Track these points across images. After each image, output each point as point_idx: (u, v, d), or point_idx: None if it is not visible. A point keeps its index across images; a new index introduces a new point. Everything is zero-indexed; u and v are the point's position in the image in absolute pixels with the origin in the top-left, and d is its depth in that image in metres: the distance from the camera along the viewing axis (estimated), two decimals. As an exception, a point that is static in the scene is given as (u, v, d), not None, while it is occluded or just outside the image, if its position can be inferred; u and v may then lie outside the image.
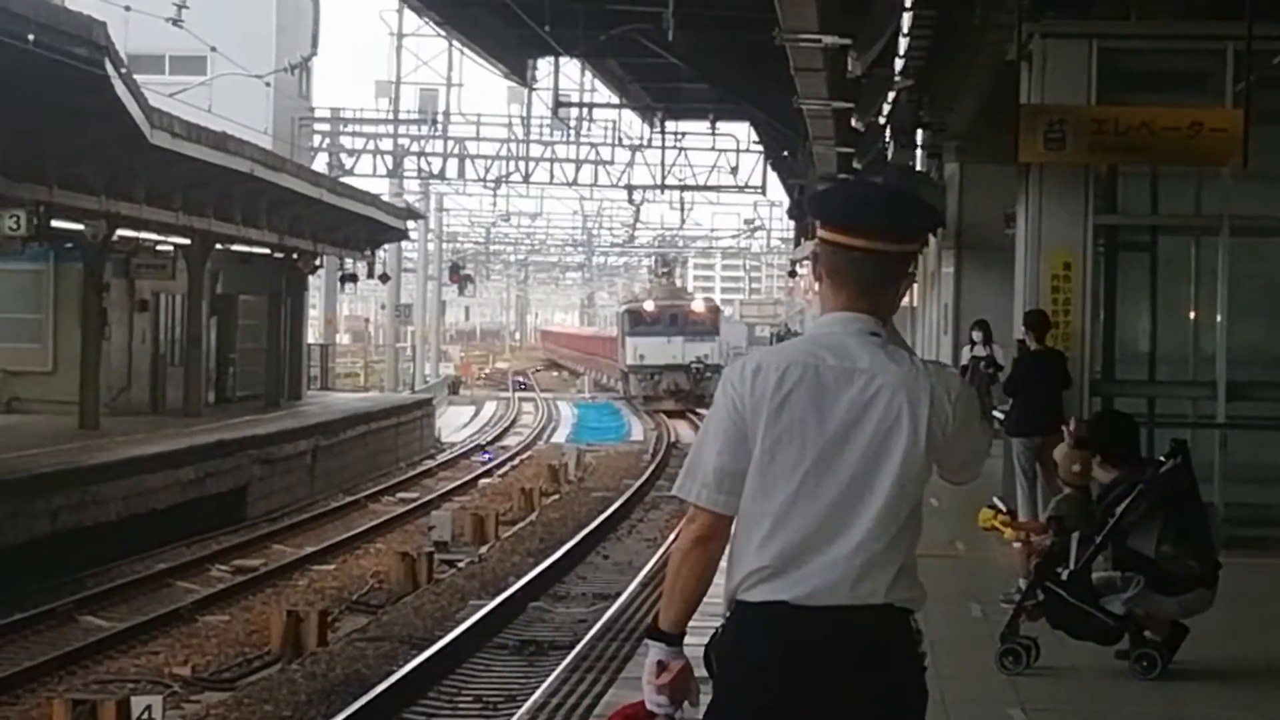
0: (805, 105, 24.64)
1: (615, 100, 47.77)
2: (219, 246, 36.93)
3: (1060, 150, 16.42)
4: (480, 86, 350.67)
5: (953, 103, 25.43)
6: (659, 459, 43.14)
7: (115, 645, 19.12)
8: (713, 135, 53.32)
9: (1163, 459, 10.93)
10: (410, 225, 56.47)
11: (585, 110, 52.77)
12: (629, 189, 60.01)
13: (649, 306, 70.10)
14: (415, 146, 58.42)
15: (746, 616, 4.48)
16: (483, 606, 20.75)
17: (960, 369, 25.26)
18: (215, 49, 42.77)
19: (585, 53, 36.16)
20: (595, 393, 78.90)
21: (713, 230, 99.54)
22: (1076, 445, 11.54)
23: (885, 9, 20.22)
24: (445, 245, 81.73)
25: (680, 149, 55.72)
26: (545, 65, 42.23)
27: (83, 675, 17.72)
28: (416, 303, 73.45)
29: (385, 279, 57.88)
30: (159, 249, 36.19)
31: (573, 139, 57.17)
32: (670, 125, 51.47)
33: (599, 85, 46.88)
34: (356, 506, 33.71)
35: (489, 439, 53.04)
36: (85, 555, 23.84)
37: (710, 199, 67.88)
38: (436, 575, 24.04)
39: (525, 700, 15.77)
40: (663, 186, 58.26)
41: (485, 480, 39.19)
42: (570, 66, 43.20)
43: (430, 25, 40.12)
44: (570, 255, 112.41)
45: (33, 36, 21.14)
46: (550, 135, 57.56)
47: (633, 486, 36.24)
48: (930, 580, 4.59)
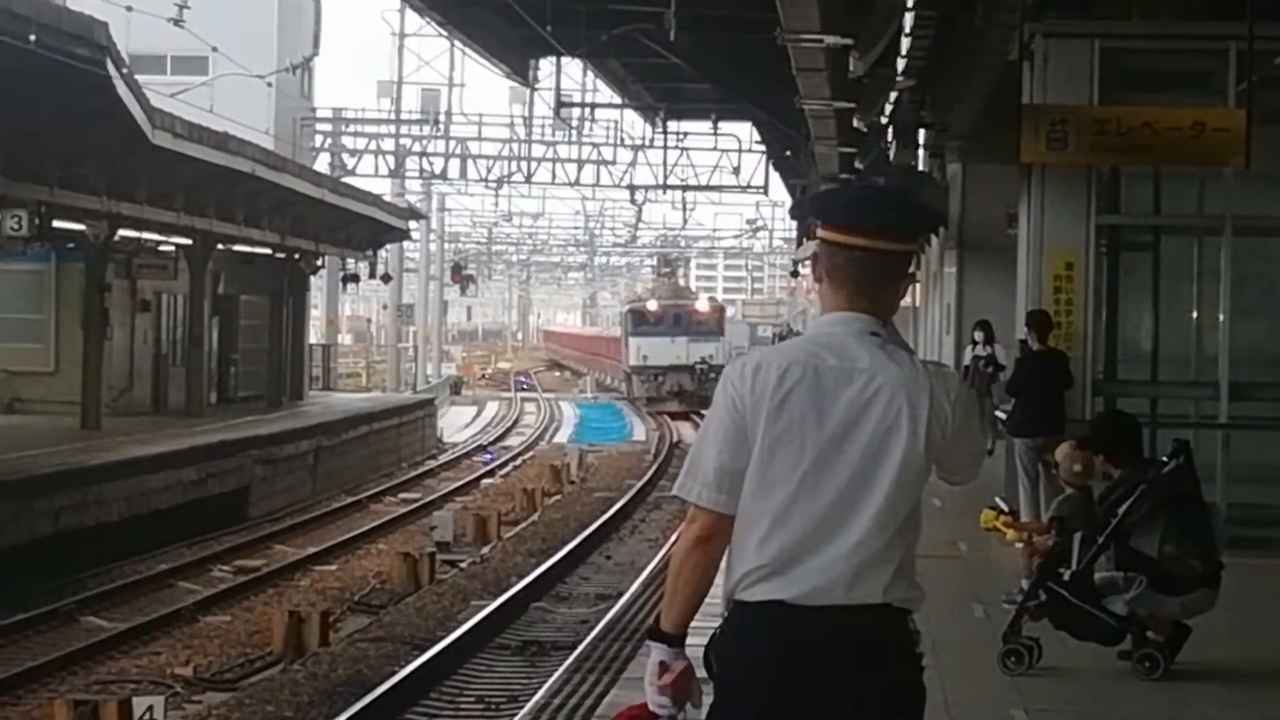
0: (807, 105, 24.63)
1: (617, 100, 47.73)
2: (221, 247, 36.92)
3: (1062, 150, 16.41)
4: (482, 86, 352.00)
5: (955, 103, 25.41)
6: (661, 459, 43.12)
7: (117, 646, 19.11)
8: (715, 135, 53.27)
9: (1165, 459, 10.92)
10: (412, 225, 56.46)
11: (587, 110, 52.72)
12: (631, 189, 59.99)
13: (652, 306, 69.14)
14: (417, 146, 58.42)
15: (744, 616, 4.47)
16: (485, 607, 20.75)
17: (963, 369, 25.26)
18: (217, 49, 42.79)
19: (587, 53, 36.14)
20: (597, 393, 78.82)
21: (715, 230, 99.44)
22: (1079, 446, 11.53)
23: (887, 9, 20.20)
24: (447, 245, 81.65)
25: (682, 149, 55.70)
26: (547, 65, 42.22)
27: (84, 676, 17.72)
28: (418, 303, 73.45)
29: (387, 279, 57.89)
30: (161, 249, 36.19)
31: (575, 139, 57.18)
32: (672, 125, 51.40)
33: (601, 85, 46.86)
34: (358, 507, 33.70)
35: (491, 439, 53.04)
36: (87, 556, 23.83)
37: (712, 199, 67.87)
38: (438, 575, 24.05)
39: (527, 701, 15.77)
40: (665, 186, 58.21)
41: (487, 480, 39.19)
42: (572, 66, 43.18)
43: (432, 25, 40.09)
44: (572, 255, 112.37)
45: (34, 37, 21.13)
46: (552, 135, 57.57)
47: (635, 487, 36.23)
48: (933, 581, 4.59)
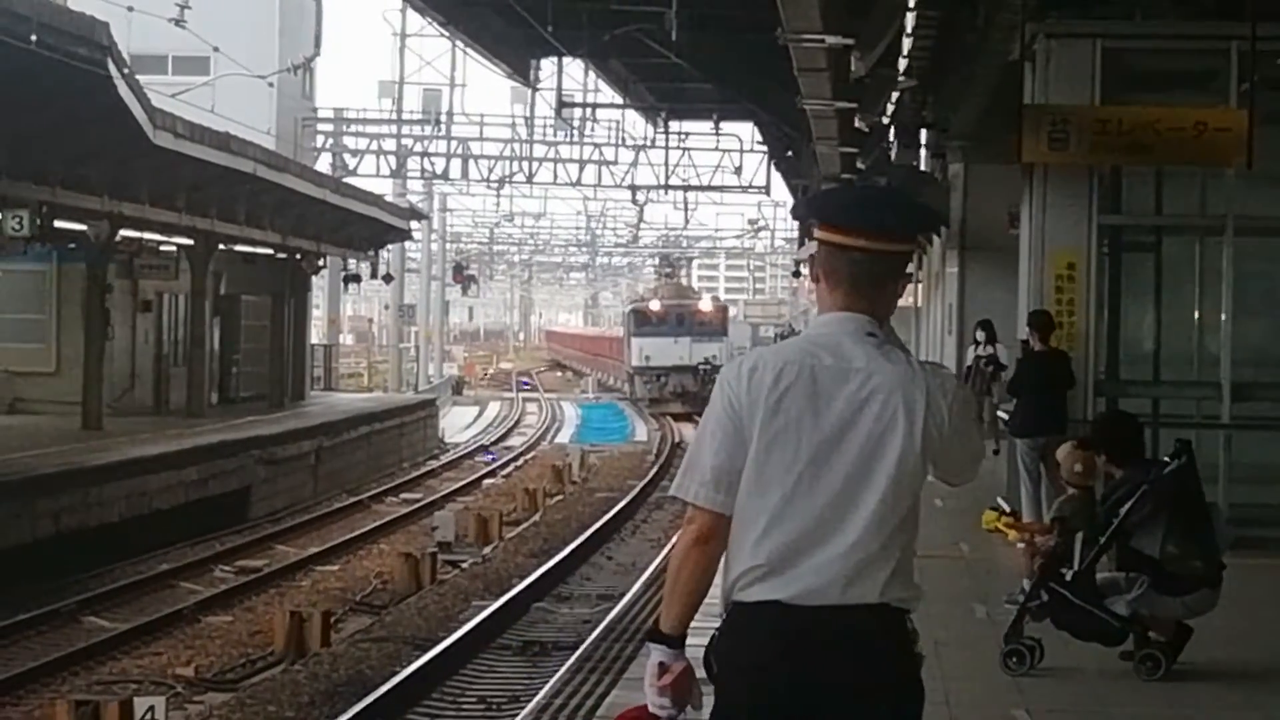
0: (808, 105, 24.59)
1: (619, 100, 47.68)
2: (222, 247, 36.92)
3: (1064, 150, 16.39)
4: (484, 86, 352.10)
5: (957, 103, 25.39)
6: (663, 459, 43.11)
7: (118, 646, 19.11)
8: (716, 135, 53.29)
9: (1167, 459, 10.92)
10: (414, 225, 56.44)
11: (589, 110, 52.68)
12: (633, 189, 60.01)
13: (655, 306, 68.58)
14: (419, 147, 58.43)
15: (742, 617, 4.48)
16: (486, 607, 20.74)
17: (965, 369, 25.28)
18: (218, 49, 42.82)
19: (589, 53, 36.14)
20: (599, 393, 78.77)
21: (717, 230, 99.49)
22: (1080, 446, 11.53)
23: (888, 9, 20.20)
24: (449, 245, 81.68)
25: (684, 149, 55.74)
26: (549, 65, 42.18)
27: (86, 676, 17.71)
28: (420, 303, 73.44)
29: (389, 279, 57.88)
30: (162, 249, 36.21)
31: (576, 139, 57.18)
32: (674, 125, 51.45)
33: (602, 85, 46.81)
34: (360, 507, 33.68)
35: (493, 439, 53.04)
36: (88, 556, 23.83)
37: (714, 199, 67.88)
38: (440, 576, 24.04)
39: (529, 701, 15.76)
40: (666, 187, 58.23)
41: (489, 481, 39.18)
42: (574, 67, 43.12)
43: (433, 25, 40.07)
44: (574, 256, 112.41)
45: (35, 37, 21.13)
46: (554, 135, 57.55)
47: (637, 487, 36.22)
48: (935, 581, 4.59)
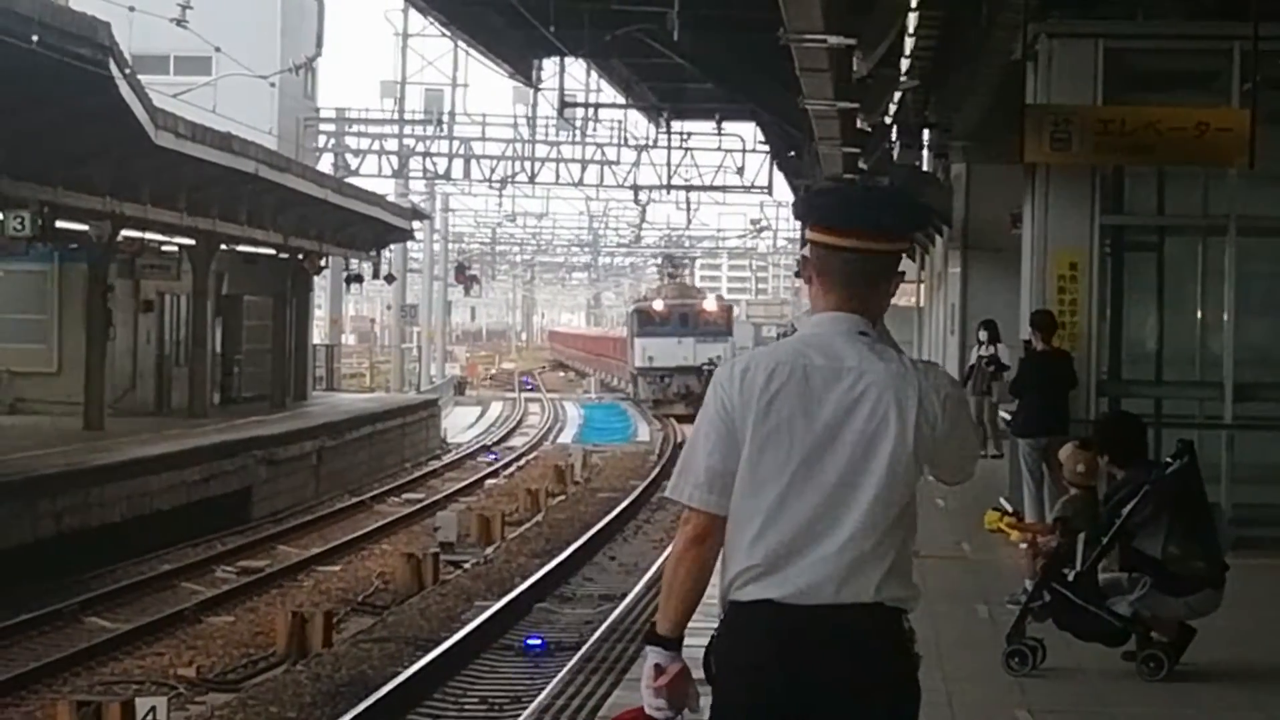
0: (810, 105, 24.52)
1: (621, 100, 47.68)
2: (224, 247, 36.92)
3: (1066, 150, 16.38)
4: (486, 87, 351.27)
5: (959, 103, 25.38)
6: (665, 460, 43.09)
7: (120, 646, 19.10)
8: (718, 135, 53.26)
9: (1169, 460, 10.90)
10: (416, 226, 56.44)
11: (591, 110, 52.66)
12: (635, 189, 59.97)
13: (658, 306, 67.76)
14: (421, 147, 58.41)
15: (738, 617, 4.49)
16: (488, 608, 20.73)
17: (968, 369, 25.31)
18: (220, 49, 42.81)
19: (590, 53, 36.09)
20: (602, 393, 78.72)
21: (719, 230, 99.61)
22: (1083, 446, 11.52)
23: (890, 9, 20.16)
24: (451, 245, 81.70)
25: (686, 149, 55.67)
26: (551, 65, 42.15)
27: (87, 677, 17.71)
28: (422, 303, 73.43)
29: (391, 279, 57.86)
30: (164, 250, 36.20)
31: (578, 139, 57.17)
32: (676, 125, 51.41)
33: (604, 85, 46.78)
34: (362, 507, 33.68)
35: (495, 440, 53.04)
36: (90, 556, 23.83)
37: (716, 199, 67.84)
38: (442, 576, 24.04)
39: (531, 701, 15.75)
40: (669, 187, 58.19)
41: (491, 481, 39.18)
42: (576, 67, 43.11)
43: (435, 25, 40.03)
44: (576, 256, 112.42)
45: (37, 37, 21.13)
46: (556, 135, 57.54)
47: (639, 487, 36.21)
48: (937, 582, 4.58)
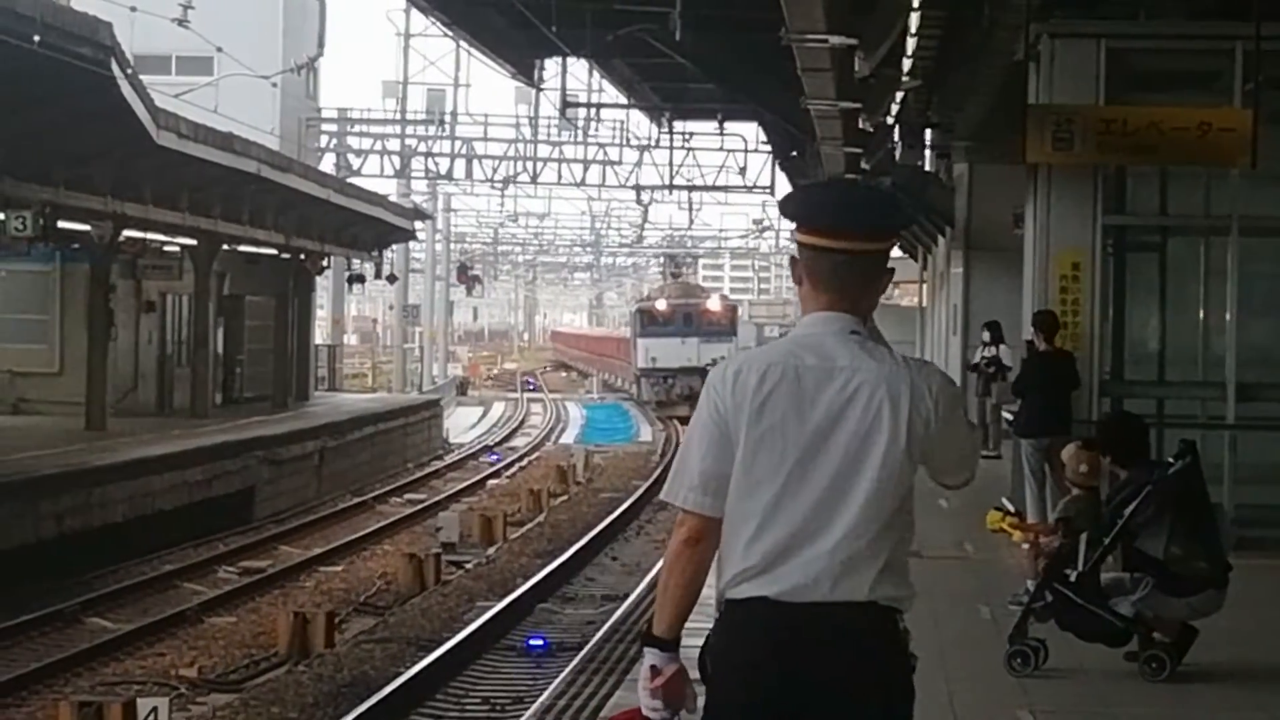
0: (812, 105, 24.54)
1: (623, 100, 47.65)
2: (226, 247, 36.91)
3: (1068, 150, 16.37)
4: (488, 87, 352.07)
5: (961, 103, 25.37)
6: (668, 459, 43.06)
7: (122, 647, 19.10)
8: (721, 135, 53.19)
9: (1172, 460, 10.89)
10: (418, 226, 56.41)
11: (593, 110, 52.61)
12: (637, 189, 59.95)
13: (661, 305, 66.92)
14: (423, 147, 58.40)
15: (732, 615, 4.49)
16: (490, 608, 20.72)
17: (971, 367, 25.33)
18: (221, 49, 42.82)
19: (592, 53, 36.07)
20: (604, 393, 78.66)
21: (721, 230, 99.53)
22: (1085, 446, 11.51)
23: (892, 9, 20.15)
24: (453, 246, 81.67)
25: (688, 149, 55.67)
26: (553, 65, 42.09)
27: (89, 677, 17.70)
28: (424, 303, 73.42)
29: (393, 279, 57.83)
30: (166, 250, 36.21)
31: (580, 139, 57.14)
32: (678, 125, 51.37)
33: (606, 85, 46.76)
34: (364, 508, 33.67)
35: (497, 440, 53.04)
36: (92, 557, 23.82)
37: (719, 199, 67.86)
38: (444, 576, 24.03)
39: (533, 702, 15.75)
40: (671, 187, 58.19)
41: (493, 481, 39.17)
42: (578, 67, 43.06)
43: (437, 25, 39.98)
44: (578, 256, 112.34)
45: (38, 37, 21.12)
46: (558, 135, 57.52)
47: (641, 487, 36.18)
48: (939, 582, 4.57)
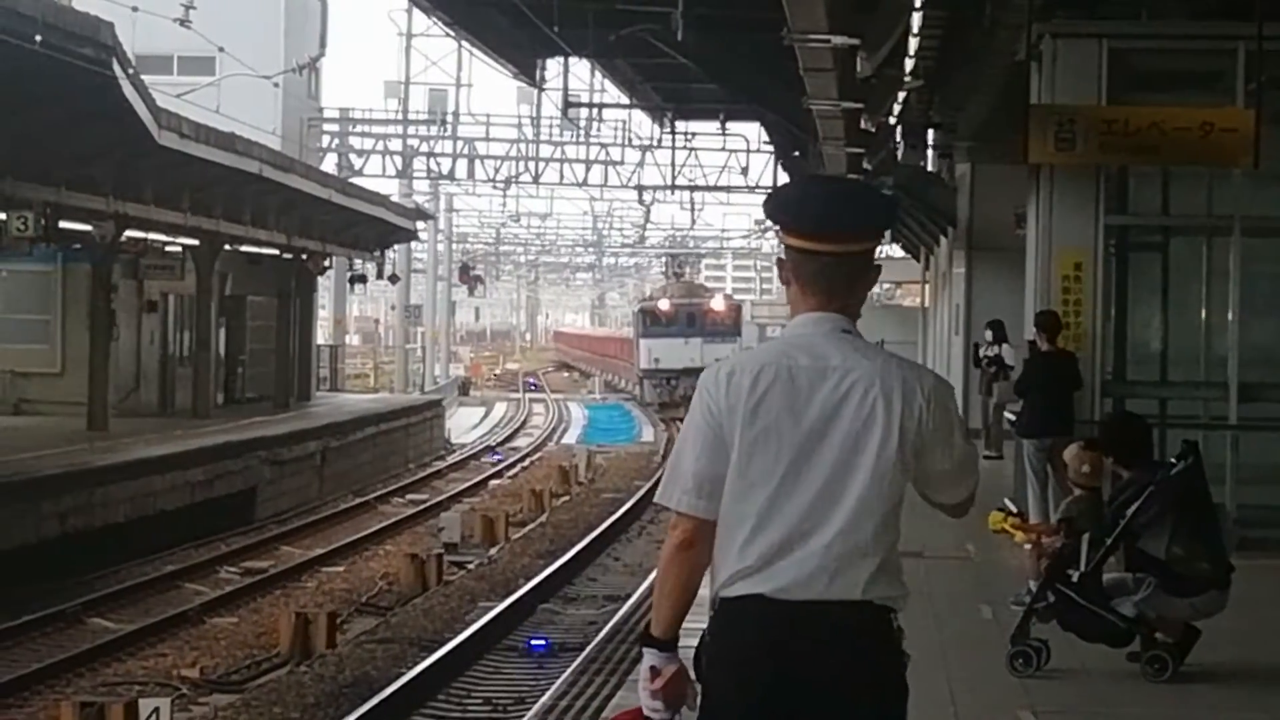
0: (814, 105, 24.52)
1: (625, 100, 47.64)
2: (228, 247, 36.92)
3: (1070, 150, 16.36)
4: (489, 87, 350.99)
5: (963, 103, 25.37)
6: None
7: (123, 647, 19.10)
8: (723, 135, 53.17)
9: (1174, 460, 10.88)
10: (420, 226, 56.42)
11: (595, 110, 52.60)
12: (639, 189, 59.93)
13: (664, 305, 66.59)
14: (424, 147, 58.39)
15: (728, 613, 4.51)
16: (492, 608, 20.71)
17: (976, 361, 25.33)
18: (223, 50, 42.82)
19: (594, 53, 36.05)
20: (606, 393, 78.64)
21: (724, 230, 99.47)
22: (1087, 447, 11.50)
23: (894, 9, 20.13)
24: (455, 246, 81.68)
25: (690, 149, 55.65)
26: (555, 65, 42.06)
27: (90, 677, 17.70)
28: (426, 303, 73.39)
29: (395, 280, 57.86)
30: (167, 250, 36.20)
31: (582, 139, 57.13)
32: (680, 125, 51.31)
33: (608, 85, 46.76)
34: (366, 508, 33.68)
35: (499, 440, 53.04)
36: (93, 557, 23.82)
37: (721, 199, 67.82)
38: (446, 577, 24.02)
39: (535, 702, 15.74)
40: (673, 187, 58.17)
41: (495, 481, 39.17)
42: (580, 67, 43.04)
43: (439, 25, 39.98)
44: (580, 256, 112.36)
45: (40, 37, 21.11)
46: (560, 135, 57.51)
47: (643, 488, 36.17)
48: (941, 582, 4.57)
